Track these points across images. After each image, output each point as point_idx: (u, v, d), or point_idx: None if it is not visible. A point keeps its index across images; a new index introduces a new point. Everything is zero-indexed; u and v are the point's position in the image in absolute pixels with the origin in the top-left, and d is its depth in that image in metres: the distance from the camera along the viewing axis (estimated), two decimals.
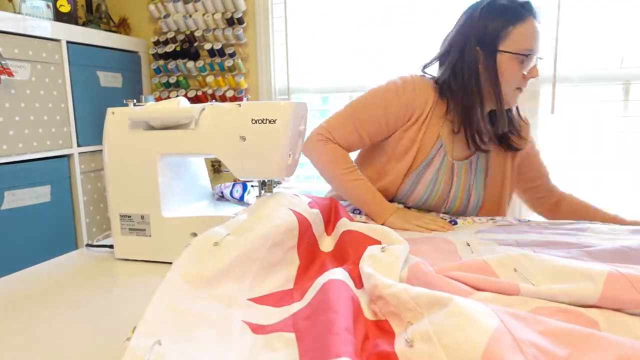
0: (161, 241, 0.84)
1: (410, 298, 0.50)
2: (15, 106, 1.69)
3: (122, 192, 0.86)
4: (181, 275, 0.54)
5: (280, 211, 0.70)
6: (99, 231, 2.06)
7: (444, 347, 0.42)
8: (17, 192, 1.70)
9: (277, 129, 0.77)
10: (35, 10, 1.82)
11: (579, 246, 0.77)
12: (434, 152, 1.07)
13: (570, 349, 0.41)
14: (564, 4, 1.69)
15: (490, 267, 0.62)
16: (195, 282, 0.54)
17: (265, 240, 0.64)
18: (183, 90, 2.29)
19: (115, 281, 0.78)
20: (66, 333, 0.58)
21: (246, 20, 2.16)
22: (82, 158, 1.99)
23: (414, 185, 1.08)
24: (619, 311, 0.51)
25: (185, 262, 0.56)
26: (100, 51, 2.08)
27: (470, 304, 0.45)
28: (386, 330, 0.51)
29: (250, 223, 0.67)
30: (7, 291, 0.72)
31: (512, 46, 0.98)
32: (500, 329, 0.41)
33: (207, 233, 0.63)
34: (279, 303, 0.59)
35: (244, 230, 0.65)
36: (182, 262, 0.56)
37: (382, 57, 2.02)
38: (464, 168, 1.10)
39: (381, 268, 0.61)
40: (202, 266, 0.57)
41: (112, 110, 0.86)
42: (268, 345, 0.49)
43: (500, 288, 0.55)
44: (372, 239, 0.73)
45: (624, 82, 1.74)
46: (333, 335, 0.43)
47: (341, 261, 0.71)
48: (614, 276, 0.52)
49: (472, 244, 0.81)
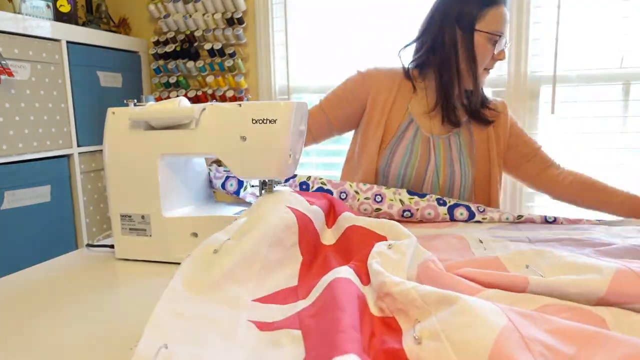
0: (162, 241, 0.84)
1: (419, 296, 0.50)
2: (15, 106, 1.69)
3: (122, 192, 0.86)
4: (183, 284, 0.54)
5: (277, 210, 0.71)
6: (99, 231, 2.06)
7: (452, 345, 0.42)
8: (17, 192, 1.70)
9: (277, 129, 0.77)
10: (35, 10, 1.82)
11: (591, 244, 0.78)
12: (403, 126, 1.15)
13: (578, 347, 0.42)
14: (564, 4, 1.70)
15: (502, 264, 0.63)
16: (198, 289, 0.55)
17: (263, 240, 0.64)
18: (183, 90, 2.29)
19: (115, 281, 0.78)
20: (66, 333, 0.58)
21: (246, 20, 2.16)
22: (82, 158, 1.99)
23: (389, 159, 1.13)
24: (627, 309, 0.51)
25: (186, 271, 0.57)
26: (100, 51, 2.08)
27: (478, 302, 0.45)
28: (393, 327, 0.51)
29: (248, 225, 0.67)
30: (7, 291, 0.72)
31: (486, 27, 1.06)
32: (508, 327, 0.41)
33: (207, 241, 0.63)
34: (285, 301, 0.59)
35: (243, 233, 0.65)
36: (183, 271, 0.57)
37: (382, 56, 2.02)
38: (441, 143, 1.14)
39: (389, 265, 0.61)
40: (203, 274, 0.57)
41: (113, 110, 0.86)
42: (274, 342, 0.49)
43: (509, 281, 0.56)
44: (378, 235, 0.73)
45: (624, 82, 1.74)
46: (340, 333, 0.43)
47: (345, 256, 0.71)
48: (623, 271, 0.52)
49: (484, 241, 0.82)
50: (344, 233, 0.77)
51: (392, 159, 1.13)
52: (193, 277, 0.56)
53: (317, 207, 0.79)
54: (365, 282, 0.60)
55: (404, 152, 1.13)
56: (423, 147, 1.13)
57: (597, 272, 0.53)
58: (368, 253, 0.65)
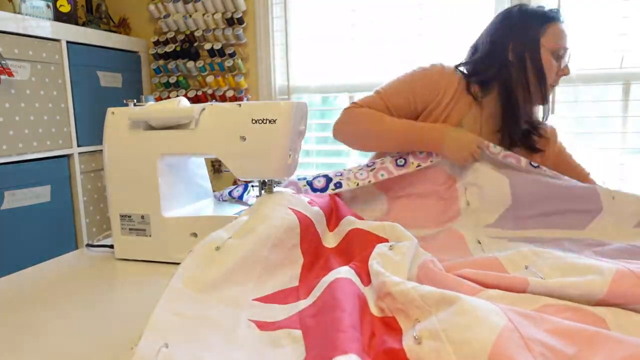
0: (161, 241, 0.84)
1: (419, 296, 0.50)
2: (15, 106, 1.69)
3: (122, 192, 0.86)
4: (184, 283, 0.54)
5: (279, 211, 0.71)
6: (99, 231, 2.06)
7: (452, 345, 0.42)
8: (17, 192, 1.70)
9: (277, 129, 0.77)
10: (35, 10, 1.82)
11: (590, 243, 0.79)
12: None
13: (578, 348, 0.42)
14: (564, 4, 1.70)
15: (501, 264, 0.63)
16: (199, 288, 0.55)
17: (265, 241, 0.64)
18: (183, 90, 2.29)
19: (115, 281, 0.78)
20: (66, 333, 0.58)
21: (246, 20, 2.16)
22: (82, 158, 1.99)
23: None
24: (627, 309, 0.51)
25: (187, 269, 0.57)
26: (100, 51, 2.08)
27: (478, 302, 0.45)
28: (393, 326, 0.51)
29: (250, 224, 0.67)
30: (7, 291, 0.72)
31: (550, 42, 1.05)
32: (508, 327, 0.41)
33: (208, 238, 0.63)
34: (285, 300, 0.59)
35: (245, 232, 0.65)
36: (185, 269, 0.57)
37: (383, 56, 2.02)
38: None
39: (389, 266, 0.61)
40: (204, 272, 0.57)
41: (112, 110, 0.86)
42: (274, 342, 0.49)
43: (510, 283, 0.56)
44: (380, 237, 0.73)
45: (624, 82, 1.74)
46: (340, 333, 0.43)
47: (346, 258, 0.71)
48: (623, 272, 0.52)
49: (483, 242, 0.82)
50: (346, 236, 0.77)
51: None
52: (194, 275, 0.56)
53: (318, 209, 0.79)
54: (366, 283, 0.60)
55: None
56: None
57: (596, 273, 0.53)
58: (369, 254, 0.65)
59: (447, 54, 1.89)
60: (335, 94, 2.16)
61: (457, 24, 1.85)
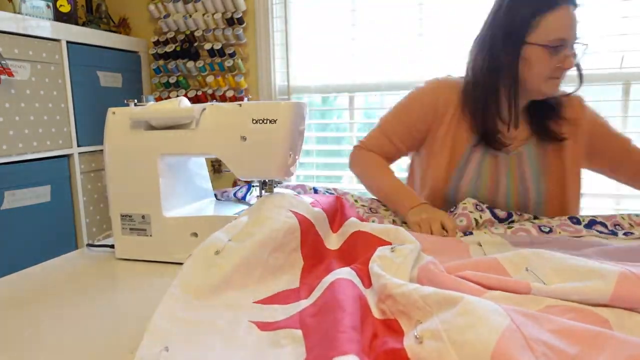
0: (162, 241, 0.84)
1: (420, 297, 0.50)
2: (15, 106, 1.69)
3: (122, 192, 0.86)
4: (183, 289, 0.54)
5: (279, 214, 0.70)
6: (99, 231, 2.06)
7: (454, 345, 0.42)
8: (17, 192, 1.70)
9: (277, 129, 0.77)
10: (35, 10, 1.82)
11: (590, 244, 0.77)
12: (469, 147, 1.06)
13: (580, 348, 0.41)
14: None
15: (502, 266, 0.62)
16: (198, 293, 0.55)
17: (265, 245, 0.64)
18: (183, 90, 2.29)
19: (116, 281, 0.78)
20: (67, 333, 0.58)
21: (246, 20, 2.16)
22: (82, 158, 1.99)
23: (458, 181, 1.06)
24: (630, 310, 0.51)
25: (187, 275, 0.57)
26: (100, 51, 2.08)
27: (480, 302, 0.45)
28: (395, 329, 0.51)
29: (250, 227, 0.67)
30: (7, 291, 0.72)
31: (541, 37, 0.93)
32: (511, 328, 0.41)
33: (208, 241, 0.63)
34: (286, 301, 0.59)
35: (244, 235, 0.65)
36: (185, 274, 0.57)
37: (383, 56, 2.02)
38: (512, 160, 1.05)
39: (391, 268, 0.61)
40: (204, 277, 0.57)
41: (113, 110, 0.86)
42: (275, 342, 0.49)
43: (512, 287, 0.55)
44: (383, 240, 0.72)
45: (624, 82, 1.74)
46: (340, 333, 0.43)
47: (349, 261, 0.71)
48: (626, 276, 0.51)
49: (484, 245, 0.81)
50: (349, 238, 0.77)
51: (459, 183, 1.06)
52: (193, 280, 0.56)
53: (320, 210, 0.79)
54: (367, 285, 0.60)
55: (471, 178, 1.05)
56: (491, 169, 1.05)
57: (599, 277, 0.52)
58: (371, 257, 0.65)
59: (447, 54, 1.90)
60: (335, 94, 2.16)
61: (457, 24, 1.85)
